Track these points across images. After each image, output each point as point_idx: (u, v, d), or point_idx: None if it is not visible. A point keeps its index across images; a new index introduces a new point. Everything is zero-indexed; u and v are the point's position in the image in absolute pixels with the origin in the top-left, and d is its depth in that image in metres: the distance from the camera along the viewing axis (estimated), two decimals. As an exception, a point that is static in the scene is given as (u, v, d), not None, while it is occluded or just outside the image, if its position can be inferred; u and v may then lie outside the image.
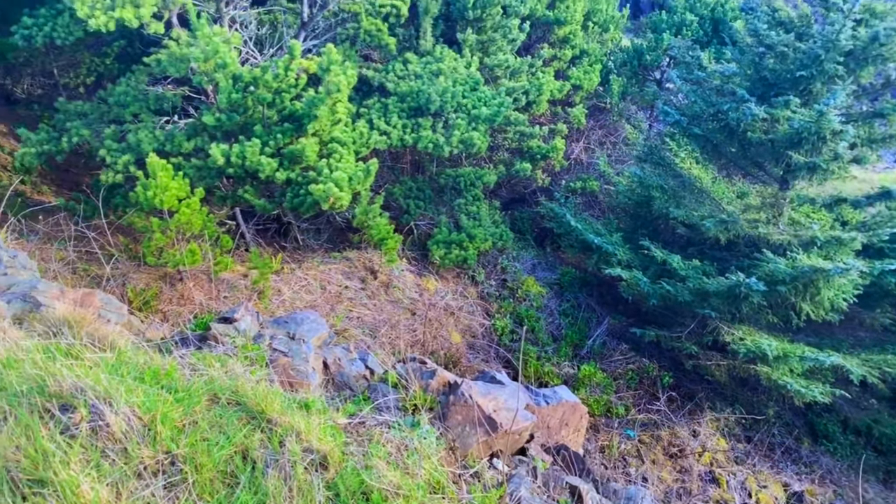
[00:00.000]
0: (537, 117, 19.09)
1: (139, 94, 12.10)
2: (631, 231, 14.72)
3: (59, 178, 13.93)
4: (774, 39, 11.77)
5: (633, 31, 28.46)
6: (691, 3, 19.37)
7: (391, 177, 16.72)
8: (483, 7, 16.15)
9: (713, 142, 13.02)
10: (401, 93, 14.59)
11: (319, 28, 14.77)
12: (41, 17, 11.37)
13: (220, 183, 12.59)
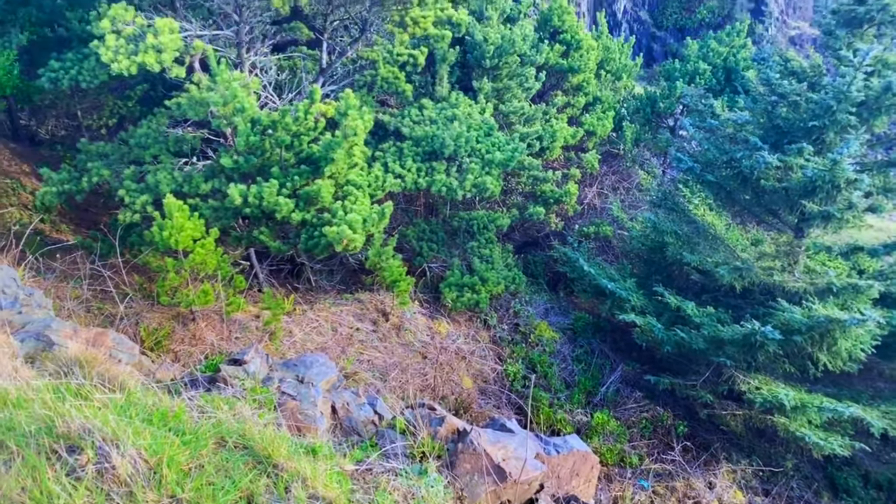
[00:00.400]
0: (551, 162, 19.24)
1: (159, 136, 12.34)
2: (645, 277, 14.65)
3: (78, 217, 14.14)
4: (787, 89, 11.85)
5: (646, 79, 28.82)
6: (704, 53, 19.61)
7: (405, 219, 16.83)
8: (500, 56, 16.43)
9: (727, 189, 13.02)
10: (416, 137, 14.78)
11: (338, 74, 15.07)
12: (68, 62, 11.70)
13: (236, 224, 12.72)
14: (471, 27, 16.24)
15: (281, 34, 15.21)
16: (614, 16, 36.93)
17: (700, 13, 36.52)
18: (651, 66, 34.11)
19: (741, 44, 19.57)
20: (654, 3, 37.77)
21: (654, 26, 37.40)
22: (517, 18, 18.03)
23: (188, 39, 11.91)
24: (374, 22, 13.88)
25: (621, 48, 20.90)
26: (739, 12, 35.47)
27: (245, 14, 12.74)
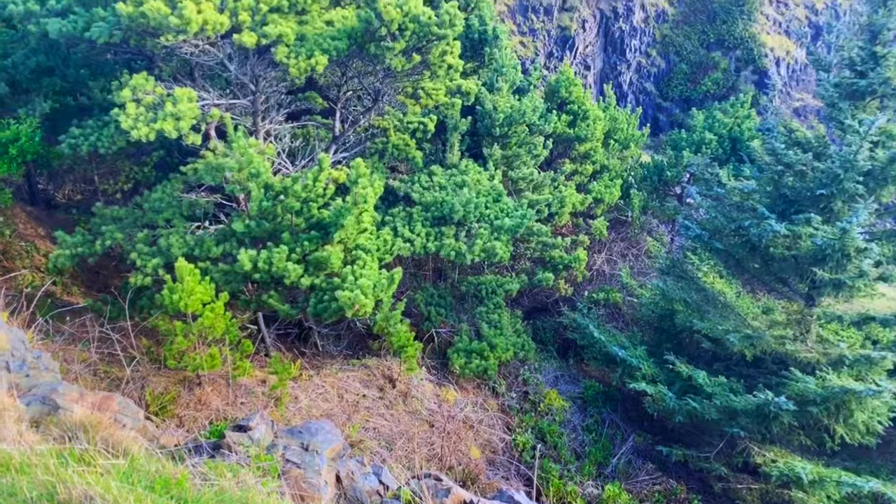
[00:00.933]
0: (560, 228, 19.36)
1: (173, 201, 12.54)
2: (655, 344, 14.51)
3: (90, 279, 14.25)
4: (793, 158, 12.00)
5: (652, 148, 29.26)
6: (709, 123, 19.96)
7: (413, 283, 16.85)
8: (509, 125, 16.79)
9: (735, 257, 13.02)
10: (425, 202, 14.96)
11: (350, 142, 15.40)
12: (88, 129, 12.02)
13: (245, 288, 12.77)
14: (481, 97, 16.65)
15: (296, 103, 15.63)
16: (620, 87, 37.80)
17: (705, 85, 37.36)
18: (657, 136, 34.71)
19: (745, 114, 19.92)
20: (660, 75, 38.73)
21: (660, 97, 38.22)
22: (526, 90, 18.49)
23: (206, 108, 12.25)
24: (387, 92, 14.25)
25: (628, 118, 21.31)
26: (743, 84, 36.26)
27: (262, 84, 13.13)
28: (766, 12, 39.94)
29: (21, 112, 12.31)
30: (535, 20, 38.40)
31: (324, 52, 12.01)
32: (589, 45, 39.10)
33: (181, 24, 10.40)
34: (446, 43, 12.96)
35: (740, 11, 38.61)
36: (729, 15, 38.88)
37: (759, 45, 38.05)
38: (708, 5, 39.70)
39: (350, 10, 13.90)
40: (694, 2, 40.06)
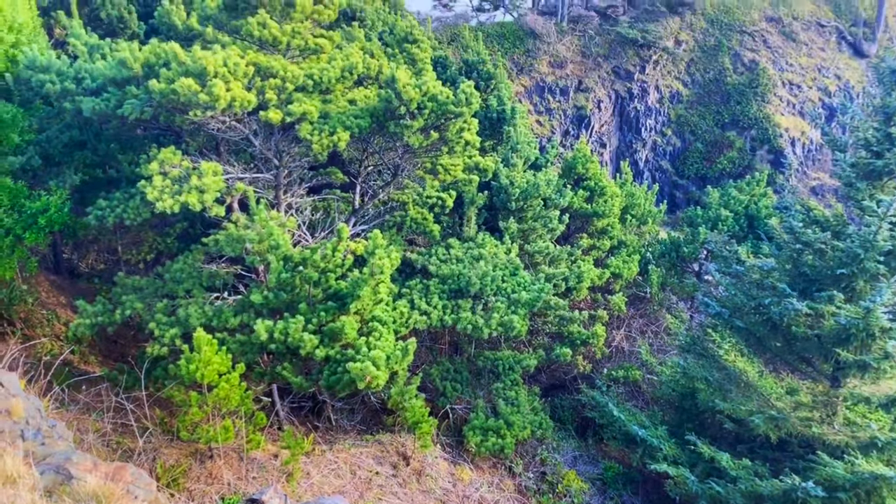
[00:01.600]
0: (577, 303, 19.24)
1: (194, 272, 12.69)
2: (676, 424, 14.14)
3: (107, 348, 14.30)
4: (811, 237, 11.97)
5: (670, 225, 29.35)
6: (725, 200, 20.06)
7: (429, 357, 16.70)
8: (525, 199, 16.98)
9: (757, 335, 12.83)
10: (442, 275, 15.01)
11: (369, 215, 15.63)
12: (115, 200, 12.33)
13: (261, 359, 12.74)
14: (498, 171, 16.93)
15: (317, 178, 15.98)
16: (636, 165, 38.31)
17: (721, 163, 37.76)
18: (674, 213, 34.87)
19: (762, 192, 20.02)
20: (676, 153, 39.26)
21: (676, 175, 38.61)
22: (542, 166, 18.80)
23: (230, 181, 12.56)
24: (406, 168, 14.55)
25: (645, 194, 21.50)
26: (759, 163, 36.60)
27: (285, 159, 13.48)
28: (780, 94, 40.69)
29: (52, 184, 12.68)
30: (552, 100, 39.41)
31: (346, 129, 12.36)
32: (604, 123, 39.92)
33: (210, 101, 10.80)
34: (463, 121, 13.30)
35: (754, 93, 39.40)
36: (743, 96, 39.67)
37: (774, 125, 38.60)
38: (722, 87, 40.57)
39: (372, 89, 14.39)
40: (708, 83, 40.97)
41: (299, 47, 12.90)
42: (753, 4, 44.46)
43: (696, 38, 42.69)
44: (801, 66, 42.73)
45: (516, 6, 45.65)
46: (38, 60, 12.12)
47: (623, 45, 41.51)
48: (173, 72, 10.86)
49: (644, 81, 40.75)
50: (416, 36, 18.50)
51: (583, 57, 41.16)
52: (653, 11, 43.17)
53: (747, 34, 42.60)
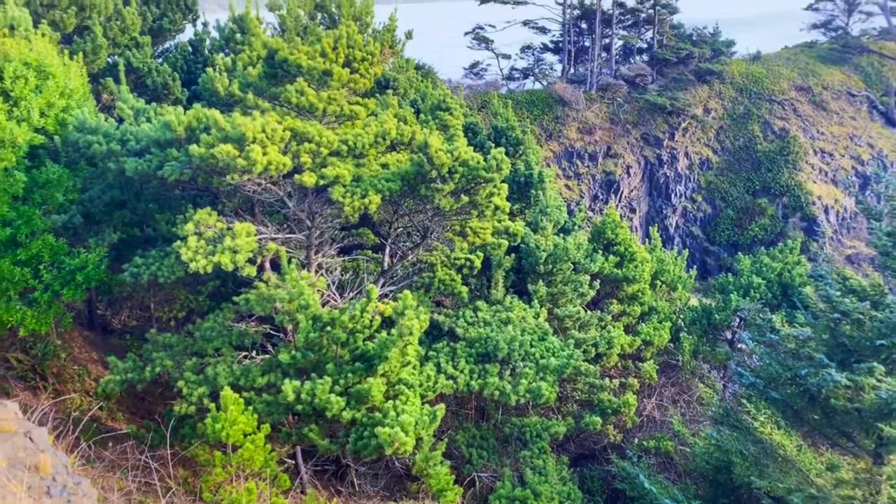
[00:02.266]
0: (607, 370, 18.90)
1: (223, 330, 12.81)
2: (711, 499, 13.60)
3: (135, 405, 14.36)
4: (849, 306, 11.69)
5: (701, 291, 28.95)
6: (757, 267, 19.79)
7: (455, 422, 16.43)
8: (554, 262, 16.95)
9: (794, 407, 12.42)
10: (469, 338, 14.91)
11: (398, 275, 15.72)
12: (150, 258, 12.61)
13: (286, 420, 12.66)
14: (526, 236, 16.98)
15: (348, 238, 16.20)
16: (667, 230, 38.18)
17: (752, 230, 37.45)
18: (705, 279, 34.47)
19: (795, 260, 19.73)
20: (706, 220, 39.07)
21: (707, 241, 38.33)
22: (571, 230, 18.83)
23: (263, 241, 12.78)
24: (436, 230, 14.69)
25: (675, 260, 21.33)
26: (792, 231, 36.23)
27: (317, 220, 13.72)
28: (812, 162, 40.59)
29: (91, 242, 13.02)
30: (580, 165, 39.79)
31: (377, 192, 12.59)
32: (634, 189, 40.06)
33: (247, 165, 11.12)
34: (493, 186, 13.46)
35: (785, 161, 39.35)
36: (774, 164, 39.63)
37: (806, 192, 38.36)
38: (752, 154, 40.64)
39: (404, 154, 14.69)
40: (738, 150, 41.08)
41: (335, 113, 13.29)
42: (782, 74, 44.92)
43: (725, 106, 43.07)
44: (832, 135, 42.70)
45: (545, 75, 46.72)
46: (87, 122, 12.66)
47: (652, 112, 42.03)
48: (213, 137, 11.24)
49: (673, 148, 41.03)
50: (448, 103, 18.96)
51: (611, 123, 41.71)
52: (681, 80, 43.82)
53: (777, 102, 42.88)
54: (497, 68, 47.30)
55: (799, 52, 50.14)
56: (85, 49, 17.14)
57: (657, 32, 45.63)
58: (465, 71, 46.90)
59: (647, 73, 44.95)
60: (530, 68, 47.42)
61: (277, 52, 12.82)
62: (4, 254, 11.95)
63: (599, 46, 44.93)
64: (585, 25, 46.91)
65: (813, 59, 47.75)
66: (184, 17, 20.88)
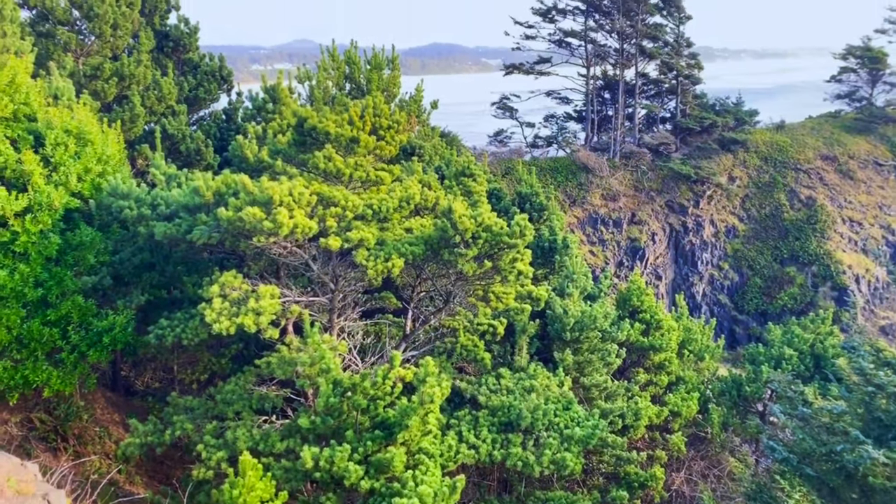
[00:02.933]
0: (634, 442, 18.36)
1: (244, 393, 12.76)
2: (744, 582, 12.91)
3: (154, 469, 14.21)
4: (884, 380, 11.32)
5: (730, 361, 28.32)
6: (788, 338, 19.35)
7: (476, 495, 15.97)
8: (580, 330, 16.75)
9: (830, 485, 11.89)
10: (492, 406, 14.64)
11: (420, 340, 15.62)
12: (175, 320, 12.73)
13: (304, 488, 12.41)
14: (551, 301, 16.85)
15: (371, 302, 16.22)
16: (693, 298, 37.70)
17: (781, 299, 36.82)
18: (734, 349, 33.75)
19: (828, 331, 19.27)
20: (734, 288, 38.54)
21: (735, 310, 37.72)
22: (597, 297, 18.67)
23: (286, 304, 12.85)
24: (458, 294, 14.66)
25: (702, 329, 20.96)
26: (822, 300, 35.55)
27: (340, 283, 13.79)
28: (840, 230, 40.15)
29: (120, 303, 13.20)
30: (605, 231, 39.77)
31: (401, 255, 12.66)
32: (659, 256, 39.83)
33: (273, 228, 11.29)
34: (517, 251, 13.46)
35: (812, 230, 38.99)
36: (801, 232, 39.27)
37: (836, 262, 37.79)
38: (779, 223, 40.34)
39: (428, 219, 14.83)
40: (764, 219, 40.83)
41: (361, 179, 13.54)
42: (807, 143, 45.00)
43: (749, 174, 43.11)
44: (860, 204, 42.35)
45: (569, 142, 47.34)
46: (121, 188, 13.03)
47: (676, 180, 42.16)
48: (241, 200, 11.48)
49: (699, 215, 40.93)
50: (472, 170, 19.23)
51: (635, 191, 41.87)
52: (705, 148, 44.08)
53: (802, 171, 42.82)
54: (521, 136, 48.12)
55: (823, 121, 50.34)
56: (123, 117, 17.81)
57: (680, 102, 46.25)
58: (490, 138, 47.76)
59: (670, 142, 45.33)
60: (554, 136, 48.14)
61: (307, 121, 13.19)
62: (35, 314, 12.16)
63: (623, 115, 45.60)
64: (608, 95, 47.77)
65: (838, 129, 47.84)
66: (219, 87, 21.69)
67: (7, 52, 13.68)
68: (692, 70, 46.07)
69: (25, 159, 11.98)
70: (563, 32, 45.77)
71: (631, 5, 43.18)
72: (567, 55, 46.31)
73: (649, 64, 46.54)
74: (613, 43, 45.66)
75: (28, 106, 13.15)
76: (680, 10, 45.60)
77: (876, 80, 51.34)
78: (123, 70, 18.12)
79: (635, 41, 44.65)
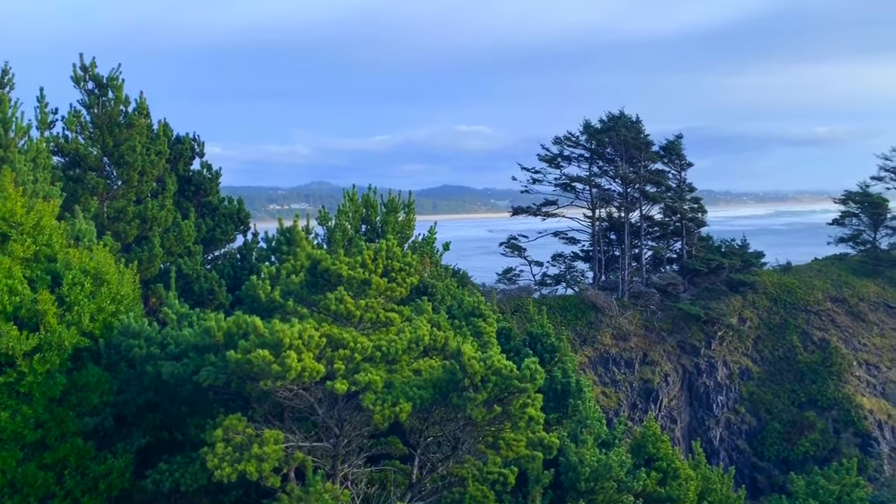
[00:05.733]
0: None
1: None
2: None
3: None
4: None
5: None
6: (813, 489, 18.46)
7: None
8: (596, 480, 16.05)
9: None
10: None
11: (426, 490, 14.95)
12: (175, 464, 12.33)
13: None
14: (565, 448, 16.27)
15: (376, 447, 15.71)
16: (711, 443, 36.40)
17: (803, 446, 35.48)
18: (756, 498, 32.09)
19: (853, 482, 18.40)
20: (752, 432, 37.27)
21: (755, 456, 36.25)
22: (612, 444, 18.04)
23: (289, 450, 12.48)
24: (467, 441, 14.21)
25: (721, 478, 20.04)
26: (846, 447, 34.20)
27: (346, 428, 13.45)
28: (858, 374, 39.39)
29: (119, 446, 12.86)
30: (617, 372, 39.14)
31: (408, 399, 12.42)
32: (673, 398, 38.91)
33: (281, 371, 11.20)
34: (527, 396, 13.20)
35: (829, 372, 38.26)
36: (817, 375, 38.53)
37: (857, 406, 36.75)
38: (793, 365, 39.70)
39: (437, 360, 14.69)
40: (778, 361, 40.24)
41: (371, 320, 13.59)
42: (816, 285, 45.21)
43: (760, 316, 42.99)
44: (875, 346, 41.81)
45: (577, 281, 47.76)
46: (131, 327, 13.11)
47: (686, 320, 42.03)
48: (251, 342, 11.48)
49: (711, 357, 40.43)
50: (482, 310, 19.28)
51: (646, 330, 41.66)
52: (713, 289, 44.29)
53: (813, 313, 42.68)
54: (530, 274, 48.66)
55: (830, 263, 50.82)
56: (142, 257, 18.24)
57: (686, 244, 47.06)
58: (499, 276, 48.29)
59: (678, 282, 45.66)
60: (562, 275, 48.65)
61: (320, 263, 13.47)
62: (31, 456, 11.83)
63: (629, 256, 46.29)
64: (614, 236, 48.76)
65: (845, 271, 48.19)
66: (236, 228, 22.35)
67: (36, 197, 14.27)
68: (696, 213, 47.28)
69: (40, 299, 12.15)
70: (568, 177, 47.52)
71: (633, 153, 45.12)
72: (573, 198, 47.82)
73: (653, 207, 47.87)
74: (617, 187, 47.27)
75: (49, 247, 13.54)
76: (681, 157, 47.57)
77: (878, 223, 52.33)
78: (146, 213, 18.79)
79: (639, 186, 46.20)
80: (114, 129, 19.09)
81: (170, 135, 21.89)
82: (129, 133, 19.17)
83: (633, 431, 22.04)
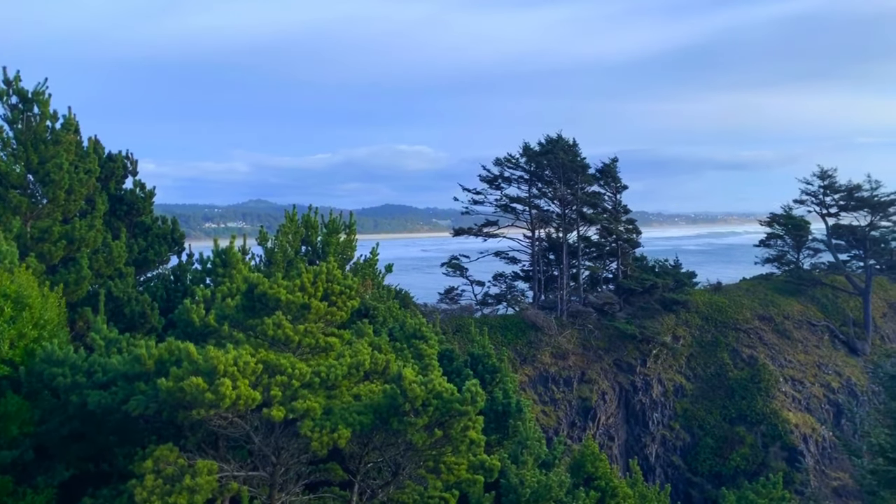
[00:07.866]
0: None
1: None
2: None
3: None
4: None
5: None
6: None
7: None
8: (536, 501, 16.09)
9: None
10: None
11: (366, 516, 14.70)
12: (101, 498, 11.79)
13: None
14: (506, 470, 16.29)
15: (315, 474, 15.36)
16: (647, 460, 37.14)
17: (734, 460, 36.57)
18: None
19: (780, 496, 19.00)
20: (686, 448, 38.21)
21: (689, 471, 37.14)
22: (552, 464, 18.16)
23: (223, 480, 12.08)
24: (408, 466, 14.05)
25: (658, 495, 20.40)
26: (774, 460, 35.43)
27: (283, 456, 13.12)
28: (784, 389, 40.94)
29: (40, 480, 12.18)
30: (556, 390, 39.57)
31: (348, 425, 12.21)
32: (611, 416, 39.56)
33: (215, 399, 10.85)
34: (468, 419, 13.16)
35: (757, 388, 39.65)
36: (747, 391, 39.87)
37: (783, 421, 38.16)
38: (724, 381, 40.99)
39: (377, 384, 14.51)
40: (710, 377, 41.46)
41: (310, 345, 13.34)
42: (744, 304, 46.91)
43: (693, 334, 44.26)
44: (799, 363, 43.58)
45: (518, 300, 48.25)
46: (55, 354, 12.49)
47: (622, 339, 42.92)
48: (184, 370, 11.09)
49: (647, 374, 41.35)
50: (424, 332, 19.21)
51: (584, 349, 42.32)
52: (648, 308, 45.40)
53: (742, 331, 44.22)
54: (471, 294, 48.87)
55: (757, 283, 52.88)
56: (68, 279, 17.45)
57: (621, 264, 48.19)
58: (441, 296, 48.34)
59: (614, 302, 46.63)
60: (503, 294, 49.07)
61: (257, 286, 13.17)
62: (-59, 494, 11.10)
63: (567, 275, 47.06)
64: (553, 256, 49.55)
65: (771, 291, 50.21)
66: (170, 248, 21.67)
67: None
68: (630, 234, 48.56)
69: (-44, 326, 11.48)
70: (508, 198, 48.15)
71: (571, 176, 46.08)
72: (513, 219, 48.43)
73: (590, 228, 48.92)
74: (556, 209, 48.13)
75: (-34, 270, 12.83)
76: (616, 180, 48.87)
77: (800, 245, 54.83)
78: (74, 234, 18.00)
79: (576, 207, 47.17)
80: (39, 145, 18.29)
81: (101, 152, 21.15)
82: (55, 150, 18.39)
83: (572, 450, 22.26)
